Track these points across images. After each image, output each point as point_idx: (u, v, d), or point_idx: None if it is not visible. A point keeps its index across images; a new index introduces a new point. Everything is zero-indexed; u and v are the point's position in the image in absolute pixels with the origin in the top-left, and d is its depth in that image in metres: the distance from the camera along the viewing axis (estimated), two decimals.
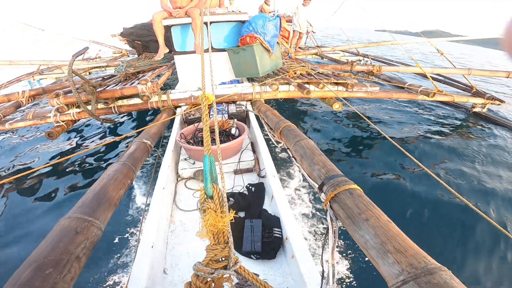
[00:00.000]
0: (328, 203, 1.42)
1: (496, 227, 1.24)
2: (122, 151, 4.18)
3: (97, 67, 7.89)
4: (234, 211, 0.88)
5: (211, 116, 3.08)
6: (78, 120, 3.92)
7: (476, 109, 5.53)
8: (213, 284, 0.86)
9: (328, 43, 18.02)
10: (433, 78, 5.96)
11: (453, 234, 2.71)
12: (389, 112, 5.86)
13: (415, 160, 1.77)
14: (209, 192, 0.90)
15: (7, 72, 7.27)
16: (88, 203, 1.41)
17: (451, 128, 5.15)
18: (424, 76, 5.84)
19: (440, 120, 5.52)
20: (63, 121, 3.73)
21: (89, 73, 7.80)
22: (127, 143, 4.46)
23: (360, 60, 8.32)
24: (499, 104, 5.27)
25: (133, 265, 1.42)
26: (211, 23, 4.44)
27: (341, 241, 2.46)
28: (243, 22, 4.42)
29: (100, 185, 1.59)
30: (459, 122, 5.44)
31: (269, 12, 8.96)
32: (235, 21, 4.49)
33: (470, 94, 5.46)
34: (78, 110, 3.73)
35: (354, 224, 1.23)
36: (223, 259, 0.86)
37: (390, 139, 2.10)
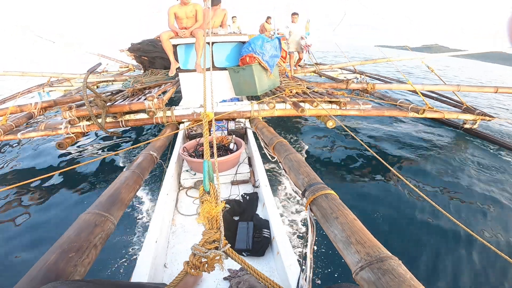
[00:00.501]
0: (308, 205, 1.69)
1: (466, 231, 1.49)
2: (130, 159, 4.55)
3: (105, 81, 8.24)
4: (225, 202, 1.14)
5: (211, 132, 3.35)
6: (87, 132, 4.19)
7: (467, 125, 5.66)
8: (206, 265, 1.11)
9: (329, 60, 18.55)
10: (426, 95, 6.25)
11: (421, 235, 3.01)
12: (382, 129, 6.14)
13: (394, 170, 2.02)
14: (206, 188, 1.17)
15: (16, 81, 7.62)
16: (104, 202, 1.67)
17: (441, 145, 5.38)
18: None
19: (430, 137, 5.77)
20: (73, 133, 3.99)
21: (97, 87, 8.11)
22: (128, 152, 4.76)
23: (357, 78, 8.68)
24: (489, 120, 5.40)
25: (139, 257, 1.65)
26: (213, 43, 4.75)
27: (318, 238, 2.72)
28: (243, 42, 4.74)
29: (114, 188, 1.86)
30: (449, 139, 5.68)
31: (269, 31, 9.36)
32: (235, 41, 4.81)
33: (460, 110, 5.64)
34: (88, 123, 4.00)
35: (327, 222, 1.49)
36: (215, 242, 1.11)
37: (372, 152, 2.37)
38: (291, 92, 4.50)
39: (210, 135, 3.02)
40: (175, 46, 4.83)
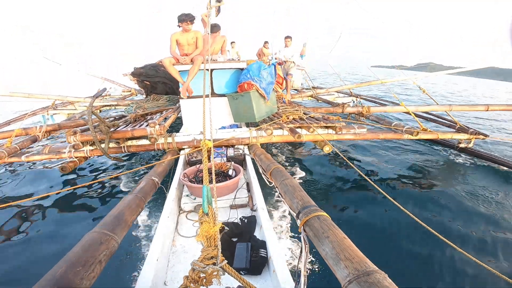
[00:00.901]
0: (302, 226, 1.82)
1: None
2: (135, 180, 4.71)
3: (108, 105, 8.43)
4: (222, 223, 1.26)
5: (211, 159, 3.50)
6: (90, 157, 4.31)
7: (462, 145, 5.69)
8: (205, 279, 1.21)
9: (325, 79, 18.99)
10: (420, 116, 6.42)
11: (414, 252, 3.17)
12: (378, 150, 6.28)
13: (384, 193, 2.14)
14: (205, 210, 1.29)
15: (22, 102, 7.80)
16: (109, 222, 1.80)
17: (436, 165, 5.51)
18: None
19: (426, 157, 5.91)
20: (76, 157, 4.10)
21: (100, 111, 8.30)
22: (132, 175, 4.89)
23: (353, 101, 8.91)
24: (483, 139, 5.43)
25: (140, 274, 1.76)
26: (212, 70, 4.90)
27: (312, 256, 2.83)
28: (241, 69, 4.88)
29: (118, 210, 1.98)
30: (444, 159, 5.81)
31: (267, 55, 9.62)
32: (234, 68, 4.97)
33: (454, 130, 5.71)
34: (91, 148, 4.12)
35: (319, 240, 1.60)
36: (213, 258, 1.21)
37: (364, 176, 2.50)
38: (288, 118, 4.64)
39: (209, 161, 3.15)
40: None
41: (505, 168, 5.30)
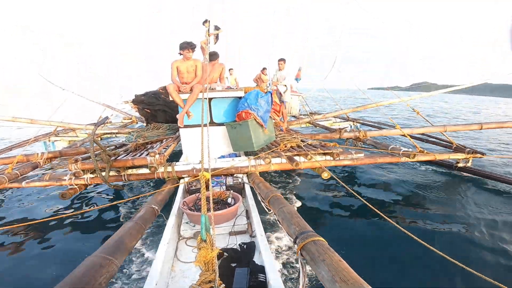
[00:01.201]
0: (299, 251, 1.88)
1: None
2: (135, 208, 4.75)
3: (109, 133, 8.56)
4: (220, 248, 1.32)
5: (213, 186, 3.60)
6: (90, 184, 4.35)
7: (461, 164, 5.75)
8: None
9: (323, 108, 19.31)
10: (416, 138, 6.51)
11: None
12: (377, 173, 6.32)
13: (383, 214, 2.20)
14: (203, 237, 1.35)
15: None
16: (110, 247, 1.88)
17: (435, 185, 5.55)
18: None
19: (424, 178, 5.94)
20: (76, 185, 4.14)
21: (101, 138, 8.41)
22: (132, 202, 4.92)
23: (350, 126, 9.05)
24: (480, 157, 5.52)
25: None
26: (211, 99, 5.03)
27: (308, 279, 2.80)
28: (239, 97, 4.97)
29: (118, 236, 2.05)
30: (444, 179, 5.85)
31: (266, 82, 9.83)
32: (232, 97, 5.08)
33: (451, 150, 5.81)
34: (92, 175, 4.18)
35: (315, 264, 1.66)
36: (211, 282, 1.26)
37: (362, 200, 2.56)
38: (285, 146, 4.71)
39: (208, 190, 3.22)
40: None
41: (505, 184, 5.34)
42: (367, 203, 2.73)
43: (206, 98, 4.16)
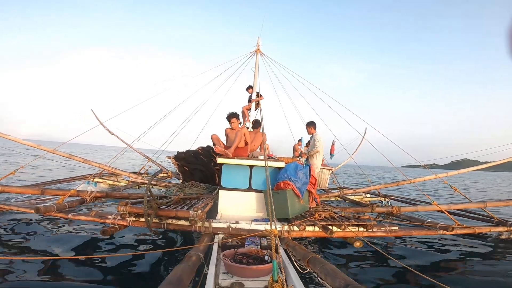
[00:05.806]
0: None
1: None
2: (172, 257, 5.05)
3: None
4: None
5: (247, 245, 4.13)
6: (129, 225, 4.80)
7: (503, 236, 5.85)
8: None
9: (353, 184, 19.47)
10: (453, 213, 6.60)
11: None
12: (415, 244, 6.39)
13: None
14: (275, 278, 1.84)
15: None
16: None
17: (481, 256, 5.59)
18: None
19: (467, 249, 5.98)
20: (118, 224, 4.65)
21: (138, 187, 9.36)
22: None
23: (381, 201, 9.24)
24: None
25: None
26: (252, 166, 5.75)
27: None
28: (279, 168, 5.68)
29: (176, 275, 2.54)
30: (488, 250, 5.86)
31: (298, 151, 10.47)
32: (273, 166, 5.76)
33: (492, 224, 5.93)
34: (134, 219, 4.68)
35: None
36: None
37: (408, 268, 2.91)
38: (320, 216, 5.13)
39: (276, 252, 3.66)
40: (221, 165, 5.85)
41: None
42: (409, 268, 2.98)
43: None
